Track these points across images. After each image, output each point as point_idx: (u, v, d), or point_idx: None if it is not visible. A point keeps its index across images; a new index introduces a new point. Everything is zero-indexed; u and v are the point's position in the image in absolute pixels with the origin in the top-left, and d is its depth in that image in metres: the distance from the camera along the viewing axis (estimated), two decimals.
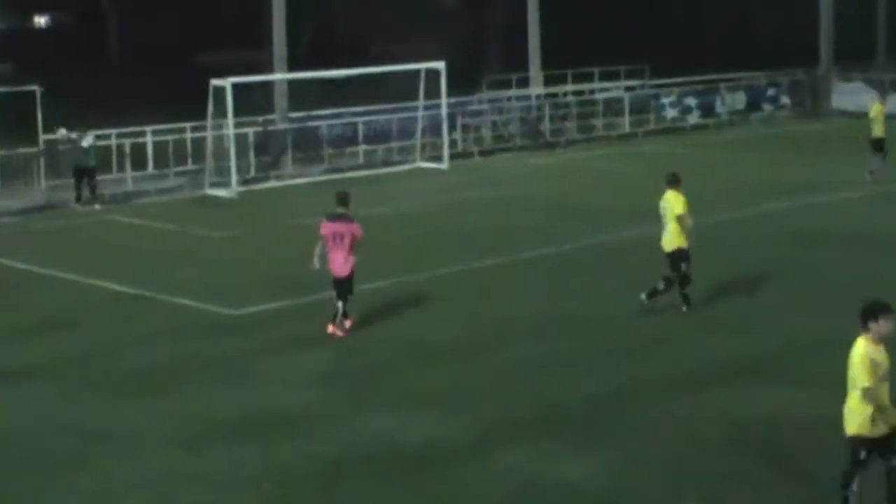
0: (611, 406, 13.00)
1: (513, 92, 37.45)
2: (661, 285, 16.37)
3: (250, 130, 29.81)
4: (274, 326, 16.40)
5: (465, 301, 17.36)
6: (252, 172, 29.41)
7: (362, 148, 31.72)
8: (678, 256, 16.34)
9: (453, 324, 16.26)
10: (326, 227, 15.60)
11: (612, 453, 11.66)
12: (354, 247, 15.53)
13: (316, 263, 15.66)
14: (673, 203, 16.35)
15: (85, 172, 26.28)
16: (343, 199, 15.78)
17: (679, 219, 16.24)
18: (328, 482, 11.18)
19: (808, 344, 15.02)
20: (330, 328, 15.63)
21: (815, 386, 13.47)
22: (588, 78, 39.53)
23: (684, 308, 16.40)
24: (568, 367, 14.33)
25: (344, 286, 15.61)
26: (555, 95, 37.60)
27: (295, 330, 16.16)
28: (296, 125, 30.96)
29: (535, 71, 37.25)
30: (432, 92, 31.37)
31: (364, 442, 12.05)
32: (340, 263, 15.51)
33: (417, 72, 31.37)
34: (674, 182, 16.61)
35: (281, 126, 30.82)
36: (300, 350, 15.26)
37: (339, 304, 15.58)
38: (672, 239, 16.35)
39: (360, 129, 31.75)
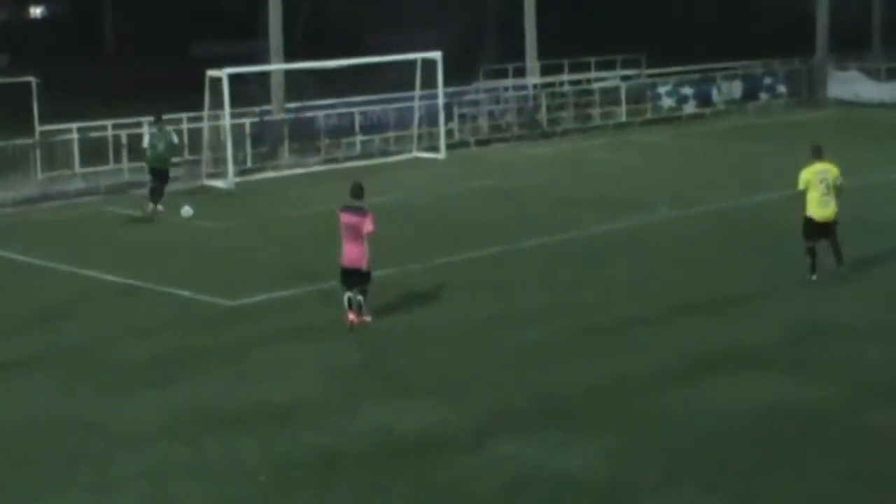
0: (609, 395, 13.01)
1: (509, 82, 37.40)
2: (839, 255, 16.96)
3: (247, 121, 29.78)
4: (271, 317, 16.40)
5: (463, 291, 17.36)
6: (249, 163, 29.39)
7: (359, 138, 31.69)
8: (835, 224, 16.89)
9: (451, 313, 16.26)
10: (342, 219, 15.54)
11: (610, 442, 11.67)
12: (367, 238, 15.35)
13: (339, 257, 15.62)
14: (836, 174, 16.89)
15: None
16: (357, 191, 15.62)
17: (841, 189, 16.82)
18: (326, 473, 11.19)
19: (808, 331, 15.05)
20: (351, 317, 15.39)
21: (813, 374, 13.51)
22: (584, 67, 39.48)
23: (842, 270, 17.01)
24: (566, 357, 14.33)
25: (358, 278, 15.41)
26: (551, 85, 37.56)
27: (293, 320, 16.16)
28: (292, 115, 30.93)
29: (531, 61, 37.20)
30: (429, 82, 31.34)
31: (362, 433, 12.05)
32: (353, 255, 15.37)
33: (414, 62, 31.34)
34: (823, 153, 17.15)
35: (277, 116, 30.79)
36: (298, 341, 15.26)
37: (360, 298, 15.38)
38: (836, 209, 16.85)
39: (357, 119, 31.72)
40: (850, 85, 41.24)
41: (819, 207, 16.86)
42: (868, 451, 11.35)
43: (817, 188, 16.83)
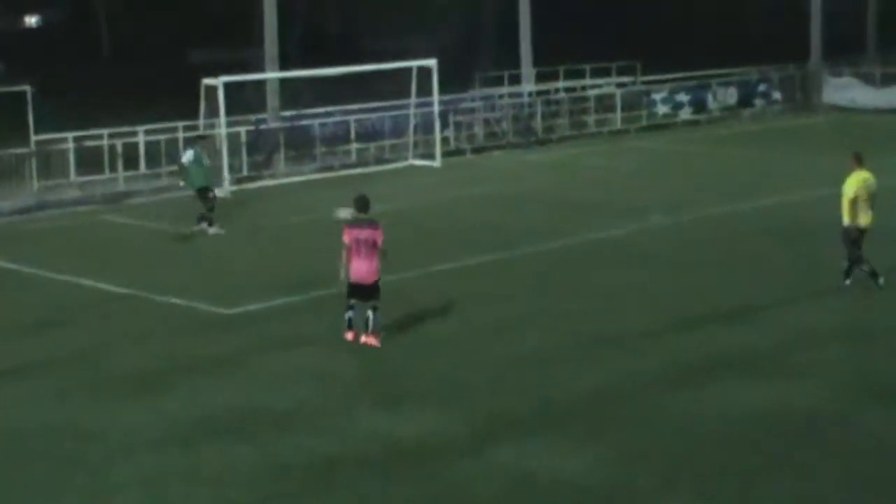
0: (607, 401, 13.00)
1: (505, 89, 37.46)
2: (867, 266, 17.00)
3: (243, 129, 29.80)
4: (268, 325, 16.38)
5: (462, 297, 17.32)
6: (244, 171, 29.39)
7: (354, 146, 31.70)
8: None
9: (449, 320, 16.25)
10: (349, 234, 14.99)
11: (608, 448, 11.66)
12: (379, 252, 14.95)
13: (341, 274, 15.08)
14: (874, 181, 17.07)
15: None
16: (363, 203, 15.14)
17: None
18: (323, 479, 11.17)
19: (802, 337, 15.04)
20: (350, 336, 15.08)
21: (808, 379, 13.51)
22: (580, 75, 39.56)
23: (848, 282, 17.06)
24: (565, 363, 14.33)
25: (368, 293, 14.98)
26: (547, 92, 37.63)
27: (290, 328, 16.14)
28: (288, 124, 30.94)
29: (526, 68, 37.29)
30: (424, 90, 31.38)
31: (359, 438, 12.04)
32: (365, 270, 14.90)
33: (409, 69, 31.36)
34: (864, 160, 17.21)
35: (273, 125, 30.80)
36: (296, 348, 15.23)
37: (369, 314, 14.93)
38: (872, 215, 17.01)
39: (353, 127, 31.74)
40: (845, 91, 41.33)
41: (865, 215, 17.01)
42: (866, 454, 11.35)
43: (864, 195, 16.93)
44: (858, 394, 12.99)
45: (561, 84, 38.76)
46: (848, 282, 17.09)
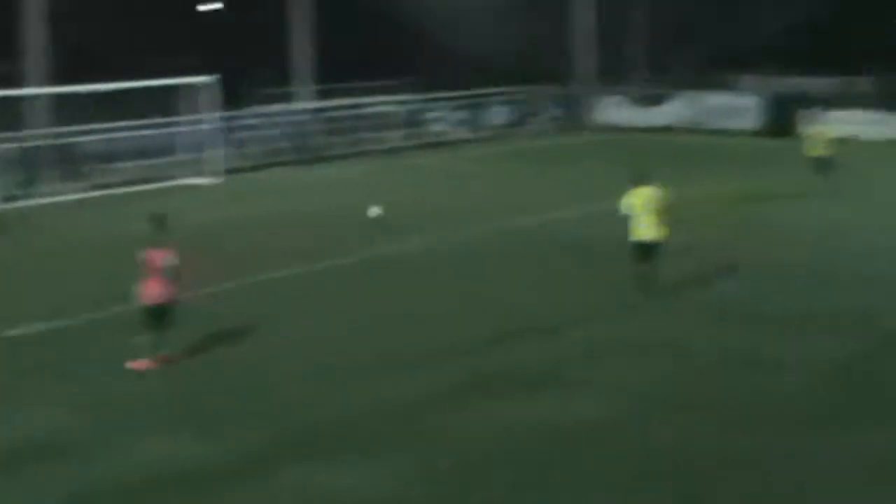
0: (396, 416, 12.90)
1: (284, 106, 37.24)
2: (650, 282, 17.44)
3: (7, 146, 28.48)
4: (38, 350, 15.59)
5: (247, 317, 16.92)
6: (10, 190, 28.07)
7: (127, 164, 30.79)
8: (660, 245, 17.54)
9: (228, 341, 15.86)
10: (143, 255, 14.71)
11: (396, 464, 11.56)
12: (171, 274, 14.66)
13: (135, 295, 14.83)
14: (661, 197, 17.56)
15: None
16: (156, 223, 14.89)
17: (667, 210, 17.57)
18: None
19: (587, 351, 15.24)
20: (136, 363, 14.52)
21: (593, 390, 13.73)
22: (360, 92, 39.73)
23: (639, 296, 17.44)
24: (352, 380, 14.16)
25: (157, 316, 14.62)
26: (326, 110, 37.62)
27: (61, 353, 15.40)
28: (57, 141, 29.75)
29: (305, 86, 37.18)
30: (203, 106, 30.81)
31: (130, 468, 11.51)
32: (154, 292, 14.63)
33: (187, 86, 30.73)
34: (645, 179, 17.70)
35: (40, 142, 29.55)
36: (66, 375, 14.53)
37: (153, 334, 14.57)
38: (663, 231, 17.41)
39: (125, 144, 30.81)
40: (614, 110, 43.11)
41: (647, 230, 17.36)
42: (652, 463, 11.58)
43: (645, 212, 17.32)
44: (642, 405, 13.20)
45: (340, 102, 38.80)
46: (639, 296, 17.39)
